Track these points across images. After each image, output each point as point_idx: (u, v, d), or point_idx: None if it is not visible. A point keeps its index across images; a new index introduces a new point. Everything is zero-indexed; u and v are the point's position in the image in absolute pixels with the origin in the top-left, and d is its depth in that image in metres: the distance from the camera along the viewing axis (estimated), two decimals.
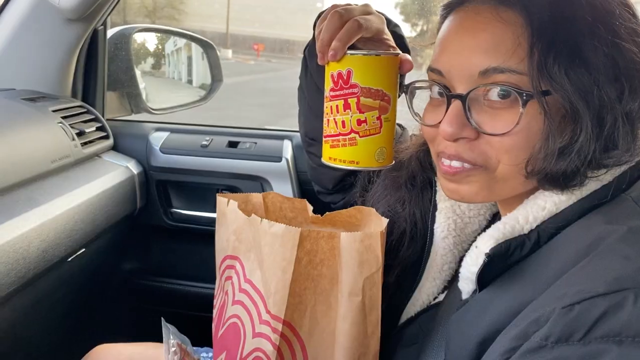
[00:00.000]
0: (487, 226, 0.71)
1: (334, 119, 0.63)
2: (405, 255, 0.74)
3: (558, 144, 0.52)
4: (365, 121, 0.62)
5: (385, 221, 0.65)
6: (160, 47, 2.06)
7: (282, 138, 1.44)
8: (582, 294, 0.44)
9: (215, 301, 0.76)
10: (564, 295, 0.45)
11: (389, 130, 0.64)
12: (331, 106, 0.63)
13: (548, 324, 0.44)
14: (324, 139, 0.66)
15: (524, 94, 0.52)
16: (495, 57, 0.53)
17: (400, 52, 0.65)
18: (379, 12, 0.73)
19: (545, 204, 0.54)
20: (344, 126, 0.63)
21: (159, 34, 1.98)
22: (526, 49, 0.52)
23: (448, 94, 0.57)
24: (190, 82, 2.01)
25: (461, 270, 0.59)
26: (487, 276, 0.55)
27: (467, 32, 0.56)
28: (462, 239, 0.71)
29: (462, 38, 0.56)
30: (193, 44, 1.86)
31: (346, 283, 0.63)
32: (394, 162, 0.67)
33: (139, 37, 1.81)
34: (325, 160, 0.66)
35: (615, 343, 0.41)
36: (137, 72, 1.62)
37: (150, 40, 2.03)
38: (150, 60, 2.01)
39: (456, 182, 0.59)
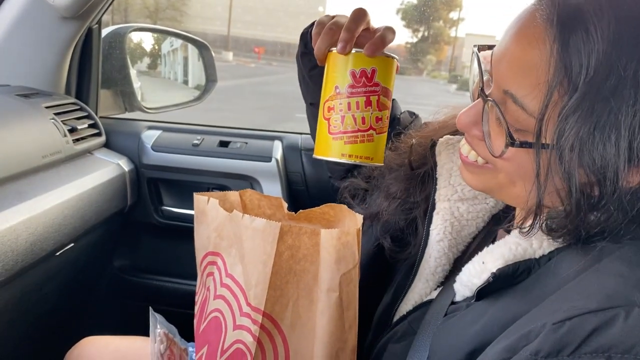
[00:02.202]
0: (485, 227, 0.71)
1: (353, 115, 0.64)
2: (403, 250, 0.75)
3: (531, 206, 0.51)
4: (381, 119, 0.65)
5: (360, 218, 0.66)
6: (157, 47, 2.07)
7: (272, 139, 1.45)
8: (574, 310, 0.44)
9: (196, 297, 0.77)
10: (555, 311, 0.45)
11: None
12: (349, 102, 0.64)
13: (538, 339, 0.44)
14: (332, 136, 0.66)
15: (508, 137, 0.50)
16: (520, 84, 0.50)
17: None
18: None
19: None
20: (363, 122, 0.64)
21: (154, 34, 1.99)
22: (544, 92, 0.47)
23: (480, 87, 0.56)
24: (186, 82, 2.02)
25: (461, 275, 0.59)
26: (487, 290, 0.55)
27: (518, 42, 0.51)
28: (457, 242, 0.70)
29: (512, 45, 0.51)
30: (189, 45, 1.88)
31: (324, 279, 0.64)
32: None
33: (135, 37, 1.82)
34: (334, 157, 0.66)
35: (604, 359, 0.41)
36: (133, 71, 1.64)
37: (147, 40, 2.04)
38: (147, 60, 2.03)
39: (466, 171, 0.62)
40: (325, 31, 0.67)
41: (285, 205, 0.76)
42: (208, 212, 0.70)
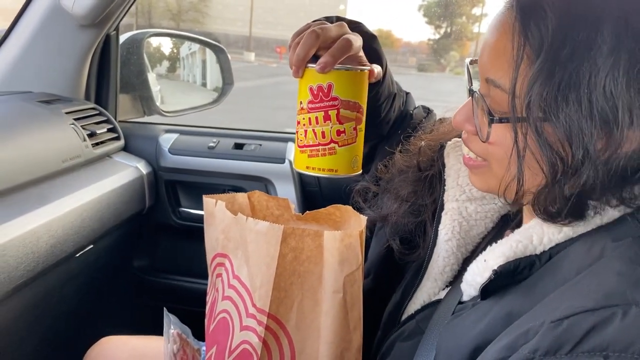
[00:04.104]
0: (494, 228, 0.72)
1: (313, 129, 0.67)
2: (412, 252, 0.76)
3: (511, 178, 0.53)
4: (344, 132, 0.66)
5: (363, 219, 0.67)
6: (175, 50, 2.11)
7: (286, 140, 1.47)
8: (572, 309, 0.44)
9: (207, 298, 0.79)
10: (554, 309, 0.46)
11: (362, 139, 0.69)
12: (310, 118, 0.67)
13: (537, 337, 0.45)
14: (299, 149, 0.69)
15: (488, 115, 0.54)
16: (496, 68, 0.54)
17: (370, 66, 0.69)
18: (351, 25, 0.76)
19: (563, 227, 0.54)
20: (323, 137, 0.66)
21: (172, 38, 2.02)
22: (513, 67, 0.52)
23: (468, 87, 0.60)
24: (204, 84, 2.06)
25: (466, 275, 0.60)
26: (490, 288, 0.56)
27: (492, 33, 0.56)
28: (466, 242, 0.71)
29: (489, 38, 0.57)
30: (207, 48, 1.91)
31: (328, 280, 0.65)
32: (362, 170, 0.70)
33: (154, 41, 1.86)
34: (301, 169, 0.70)
35: (602, 357, 0.41)
36: (152, 75, 1.67)
37: (166, 44, 2.08)
38: (166, 64, 2.06)
39: (471, 173, 0.64)
40: (293, 46, 0.69)
41: (293, 206, 0.78)
42: (216, 214, 0.72)
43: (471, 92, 0.59)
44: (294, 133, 1.52)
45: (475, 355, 0.52)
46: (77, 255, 1.12)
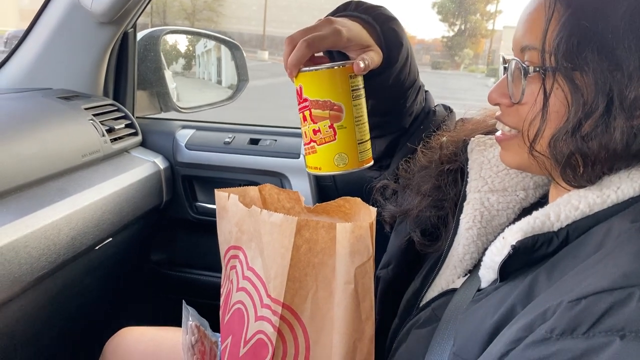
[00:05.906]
0: (516, 220, 0.71)
1: (302, 129, 0.69)
2: (434, 244, 0.76)
3: (552, 129, 0.55)
4: (319, 130, 0.67)
5: (373, 211, 0.68)
6: (191, 48, 2.13)
7: (300, 136, 1.47)
8: (589, 288, 0.45)
9: (221, 290, 0.80)
10: (572, 289, 0.46)
11: (346, 136, 0.68)
12: (299, 118, 0.69)
13: (554, 317, 0.45)
14: None
15: (523, 67, 0.56)
16: (532, 34, 0.57)
17: (344, 62, 0.67)
18: (363, 13, 0.77)
19: (579, 205, 0.55)
20: (306, 136, 0.68)
21: (188, 36, 2.04)
22: (544, 23, 0.55)
23: (503, 65, 0.63)
24: (219, 82, 2.08)
25: (484, 258, 0.60)
26: (509, 268, 0.56)
27: (526, 9, 0.59)
28: (487, 231, 0.71)
29: (522, 14, 0.60)
30: (222, 45, 1.93)
31: (340, 271, 0.65)
32: (365, 165, 0.70)
33: (170, 39, 1.89)
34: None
35: (618, 337, 0.41)
36: (168, 73, 1.69)
37: (182, 42, 2.11)
38: (182, 61, 2.09)
39: (502, 151, 0.65)
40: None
41: (303, 199, 0.79)
42: (229, 207, 0.73)
43: (505, 67, 0.61)
44: None
45: (494, 337, 0.52)
46: (97, 247, 1.14)
